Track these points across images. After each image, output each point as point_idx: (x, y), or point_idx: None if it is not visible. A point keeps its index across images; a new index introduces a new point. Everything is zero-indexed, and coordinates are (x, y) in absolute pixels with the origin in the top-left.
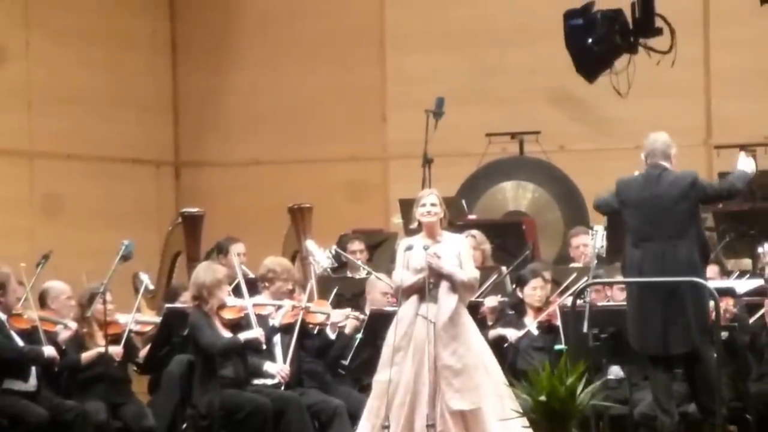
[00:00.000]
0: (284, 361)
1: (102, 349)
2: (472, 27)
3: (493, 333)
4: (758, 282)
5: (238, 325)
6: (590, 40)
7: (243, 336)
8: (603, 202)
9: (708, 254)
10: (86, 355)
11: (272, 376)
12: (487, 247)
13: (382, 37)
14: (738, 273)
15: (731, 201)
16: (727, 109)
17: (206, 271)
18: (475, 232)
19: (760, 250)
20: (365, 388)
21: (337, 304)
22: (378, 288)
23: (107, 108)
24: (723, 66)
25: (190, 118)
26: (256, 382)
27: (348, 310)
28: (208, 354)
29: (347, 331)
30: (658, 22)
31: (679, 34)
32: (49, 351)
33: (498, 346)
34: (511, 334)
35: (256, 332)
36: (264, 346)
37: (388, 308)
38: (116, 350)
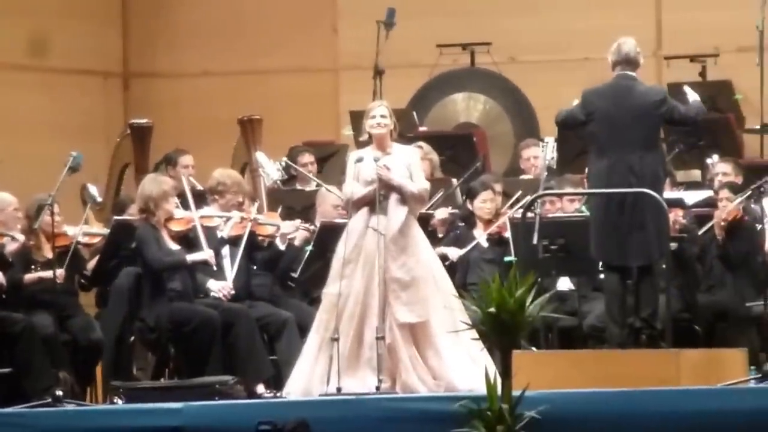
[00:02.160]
0: (232, 273)
1: (44, 274)
2: None
3: (437, 251)
4: (707, 193)
5: (186, 237)
6: None
7: (192, 257)
8: (569, 116)
9: (667, 170)
10: (29, 277)
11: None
12: (435, 157)
13: None
14: (686, 184)
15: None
16: (677, 20)
17: (152, 183)
18: (421, 143)
19: (708, 161)
20: (315, 301)
21: (287, 216)
22: (328, 200)
23: (55, 18)
24: None
25: (139, 29)
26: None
27: (298, 222)
28: (152, 269)
29: (297, 242)
30: None
31: None
32: None
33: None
34: (453, 253)
35: (205, 254)
36: (215, 268)
37: (339, 220)
38: (59, 273)
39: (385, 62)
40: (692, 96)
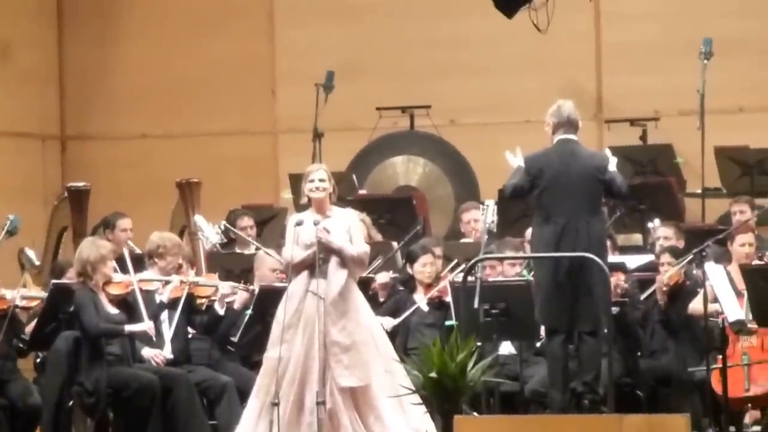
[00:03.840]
0: (170, 336)
1: None
2: (361, 0)
3: None
4: (649, 257)
5: (125, 300)
6: None
7: (130, 328)
8: (516, 187)
9: (608, 233)
10: None
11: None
12: (367, 218)
13: (271, 10)
14: (628, 248)
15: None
16: (618, 83)
17: (90, 246)
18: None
19: (650, 225)
20: (255, 365)
21: (226, 279)
22: (267, 264)
23: None
24: (613, 40)
25: (77, 91)
26: None
27: (235, 283)
28: (89, 335)
29: (236, 306)
30: None
31: (570, 7)
32: None
33: None
34: (387, 323)
35: (144, 325)
36: (154, 339)
37: (278, 284)
38: None
39: (325, 125)
40: (612, 165)
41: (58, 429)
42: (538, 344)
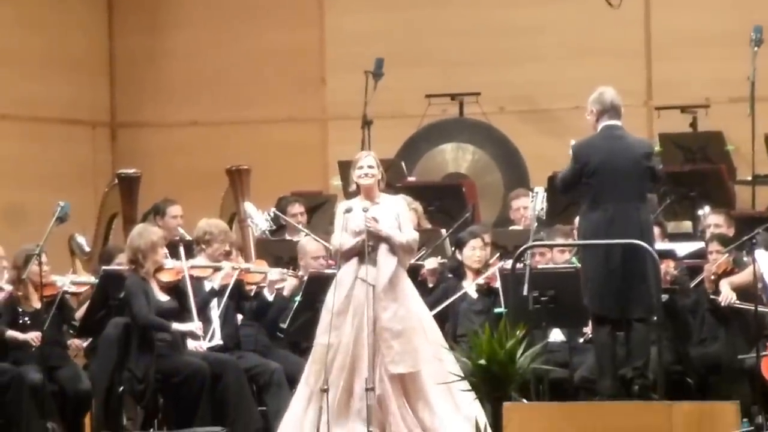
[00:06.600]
0: (221, 322)
1: (23, 336)
2: None
3: None
4: (699, 245)
5: (176, 287)
6: None
7: (178, 327)
8: (567, 179)
9: (658, 220)
10: (11, 334)
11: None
12: (419, 207)
13: None
14: (678, 235)
15: (665, 167)
16: (668, 71)
17: (141, 234)
18: (402, 195)
19: (700, 212)
20: (303, 352)
21: (275, 266)
22: (309, 253)
23: (42, 68)
24: (663, 26)
25: (127, 79)
26: None
27: (284, 270)
28: (137, 324)
29: (285, 292)
30: None
31: None
32: None
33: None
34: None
35: (192, 326)
36: (202, 338)
37: (327, 271)
38: (36, 335)
39: (374, 112)
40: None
41: (109, 415)
42: (581, 339)
